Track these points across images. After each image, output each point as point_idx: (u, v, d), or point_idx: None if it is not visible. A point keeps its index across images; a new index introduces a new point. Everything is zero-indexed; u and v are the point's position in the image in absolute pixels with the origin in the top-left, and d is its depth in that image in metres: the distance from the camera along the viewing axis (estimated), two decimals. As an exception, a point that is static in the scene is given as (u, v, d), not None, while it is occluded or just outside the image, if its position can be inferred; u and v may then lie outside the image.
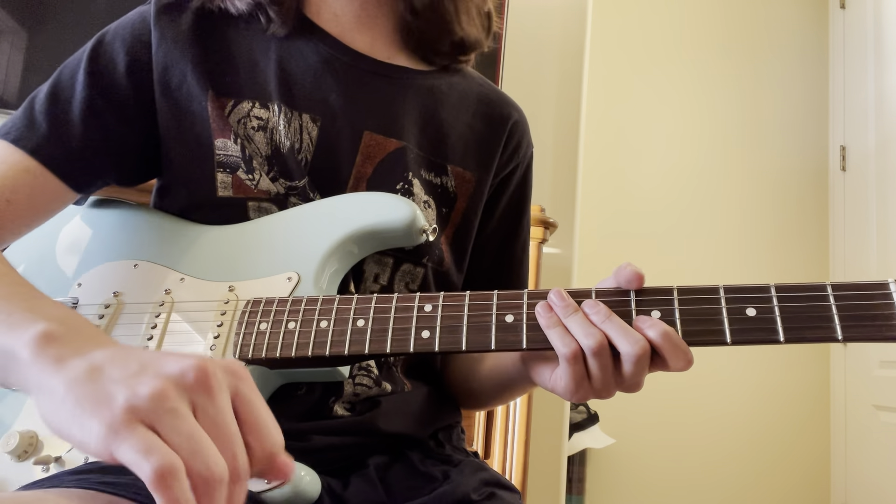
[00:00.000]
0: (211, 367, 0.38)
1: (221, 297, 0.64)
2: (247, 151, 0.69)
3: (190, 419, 0.36)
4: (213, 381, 0.38)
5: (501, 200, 0.83)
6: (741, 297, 0.52)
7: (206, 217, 0.70)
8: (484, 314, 0.56)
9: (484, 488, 0.62)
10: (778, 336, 0.51)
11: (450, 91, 0.80)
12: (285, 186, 0.69)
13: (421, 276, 0.74)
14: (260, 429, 0.39)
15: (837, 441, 2.48)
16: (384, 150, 0.72)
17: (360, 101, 0.73)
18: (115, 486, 0.48)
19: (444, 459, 0.68)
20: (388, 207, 0.66)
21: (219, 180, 0.69)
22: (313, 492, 0.56)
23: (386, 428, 0.67)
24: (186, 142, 0.70)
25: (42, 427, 0.61)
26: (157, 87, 0.70)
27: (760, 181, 2.64)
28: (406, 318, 0.58)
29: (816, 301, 0.51)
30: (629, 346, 0.51)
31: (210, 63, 0.71)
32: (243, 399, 0.39)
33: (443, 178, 0.76)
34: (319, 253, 0.65)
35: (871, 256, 2.37)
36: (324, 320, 0.59)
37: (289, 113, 0.70)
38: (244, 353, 0.60)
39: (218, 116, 0.69)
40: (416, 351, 0.57)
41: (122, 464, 0.34)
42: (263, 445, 0.39)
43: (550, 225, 1.31)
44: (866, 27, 2.51)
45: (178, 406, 0.36)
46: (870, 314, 0.50)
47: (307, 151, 0.70)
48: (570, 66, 1.67)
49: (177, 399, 0.36)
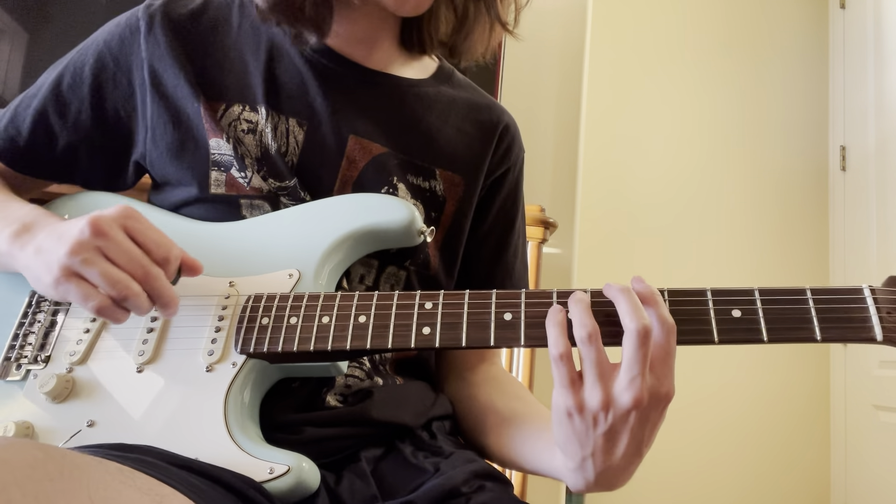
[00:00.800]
0: (98, 218, 0.55)
1: (222, 291, 0.65)
2: (238, 151, 0.70)
3: (100, 261, 0.54)
4: (104, 226, 0.55)
5: (494, 204, 0.83)
6: (727, 300, 0.55)
7: (199, 214, 0.72)
8: (483, 311, 0.58)
9: (474, 480, 0.62)
10: (762, 336, 0.54)
11: (438, 97, 0.81)
12: (275, 186, 0.71)
13: (404, 279, 0.75)
14: (151, 244, 0.57)
15: (837, 441, 2.48)
16: (369, 154, 0.74)
17: (345, 106, 0.74)
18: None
19: (435, 451, 0.69)
20: (387, 208, 0.68)
21: (212, 178, 0.71)
22: (313, 481, 0.57)
23: (379, 417, 0.67)
24: (183, 141, 0.72)
25: (37, 418, 0.62)
26: (151, 90, 0.72)
27: (760, 181, 2.64)
28: (407, 315, 0.59)
29: (797, 304, 0.55)
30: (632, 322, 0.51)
31: (201, 68, 0.73)
32: (133, 229, 0.57)
33: (431, 181, 0.76)
34: (320, 251, 0.66)
35: (871, 256, 2.37)
36: (325, 316, 0.60)
37: (275, 117, 0.72)
38: (246, 347, 0.61)
39: (210, 118, 0.71)
40: (416, 346, 0.58)
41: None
42: (159, 252, 0.57)
43: (550, 225, 1.31)
44: (866, 27, 2.51)
45: (88, 255, 0.54)
46: (846, 317, 0.54)
47: (293, 154, 0.72)
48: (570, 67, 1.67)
49: (86, 250, 0.54)
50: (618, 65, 2.60)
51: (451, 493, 0.59)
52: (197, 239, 0.70)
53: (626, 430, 0.52)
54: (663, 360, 0.52)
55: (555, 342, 0.54)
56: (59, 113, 0.74)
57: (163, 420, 0.60)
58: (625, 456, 0.54)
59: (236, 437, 0.58)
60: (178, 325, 0.65)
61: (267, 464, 0.55)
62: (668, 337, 0.52)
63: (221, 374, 0.61)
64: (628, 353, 0.51)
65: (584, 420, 0.53)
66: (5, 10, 1.28)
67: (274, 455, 0.56)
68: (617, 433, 0.53)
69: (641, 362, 0.51)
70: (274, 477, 0.55)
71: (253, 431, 0.60)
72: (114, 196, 0.77)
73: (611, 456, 0.54)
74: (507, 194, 0.84)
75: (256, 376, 0.62)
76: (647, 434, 0.53)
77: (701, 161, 2.62)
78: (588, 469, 0.55)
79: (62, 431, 0.61)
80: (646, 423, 0.53)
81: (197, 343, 0.63)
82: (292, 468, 0.55)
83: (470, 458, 0.67)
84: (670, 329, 0.52)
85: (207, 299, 0.65)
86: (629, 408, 0.51)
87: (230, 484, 0.51)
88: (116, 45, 0.74)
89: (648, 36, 2.65)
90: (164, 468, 0.47)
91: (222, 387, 0.60)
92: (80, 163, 0.77)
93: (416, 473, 0.64)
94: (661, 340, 0.52)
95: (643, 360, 0.51)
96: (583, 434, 0.54)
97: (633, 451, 0.54)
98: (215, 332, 0.63)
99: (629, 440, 0.53)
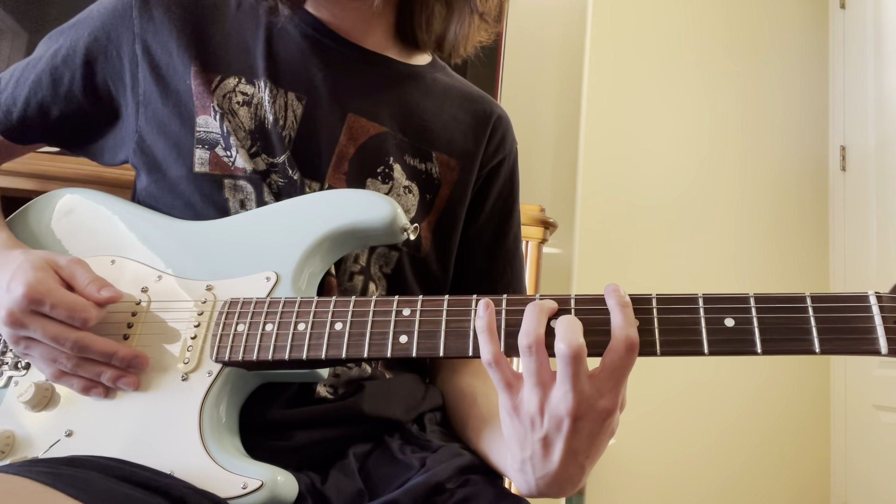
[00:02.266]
0: (30, 288, 0.58)
1: (199, 296, 0.64)
2: (226, 128, 0.70)
3: (36, 333, 0.59)
4: (37, 294, 0.58)
5: (491, 194, 0.84)
6: (720, 308, 0.52)
7: (182, 194, 0.71)
8: (462, 319, 0.56)
9: (459, 476, 0.62)
10: (755, 348, 0.50)
11: (434, 83, 0.82)
12: (266, 162, 0.70)
13: (395, 260, 0.74)
14: (79, 284, 0.62)
15: (837, 441, 2.48)
16: (366, 133, 0.74)
17: (345, 84, 0.75)
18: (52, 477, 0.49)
19: (423, 445, 0.68)
20: (368, 205, 0.65)
21: (196, 157, 0.70)
22: (289, 495, 0.56)
23: (370, 412, 0.67)
24: (171, 116, 0.71)
25: (18, 427, 0.62)
26: (144, 64, 0.72)
27: (760, 181, 2.64)
28: (384, 323, 0.57)
29: (795, 312, 0.50)
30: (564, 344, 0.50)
31: (196, 39, 0.73)
32: (66, 275, 0.62)
33: (427, 164, 0.77)
34: (298, 252, 0.64)
35: (871, 256, 2.37)
36: (301, 323, 0.59)
37: (274, 90, 0.72)
38: (221, 355, 0.60)
39: (201, 93, 0.71)
40: (393, 356, 0.56)
41: None
42: (87, 289, 0.61)
43: (550, 225, 1.31)
44: (866, 27, 2.50)
45: (28, 325, 0.59)
46: (848, 327, 0.49)
47: (291, 128, 0.71)
48: (570, 66, 1.67)
49: (24, 318, 0.59)
50: (618, 64, 2.60)
51: (436, 489, 0.59)
52: (173, 239, 0.69)
53: (559, 439, 0.51)
54: (610, 374, 0.50)
55: (483, 349, 0.53)
56: (53, 85, 0.75)
57: (138, 431, 0.59)
58: (562, 464, 0.52)
59: (210, 450, 0.57)
60: (154, 332, 0.64)
61: (241, 478, 0.54)
62: (624, 354, 0.50)
63: (196, 384, 0.60)
64: (559, 370, 0.50)
65: (522, 422, 0.52)
66: (5, 10, 1.27)
67: (249, 469, 0.55)
68: (552, 440, 0.52)
69: (572, 379, 0.49)
70: (247, 492, 0.54)
71: (230, 442, 0.59)
72: (91, 194, 0.75)
73: (547, 462, 0.53)
74: (504, 183, 0.85)
75: (234, 385, 0.61)
76: (585, 444, 0.52)
77: (701, 160, 2.62)
78: (528, 472, 0.54)
79: (41, 441, 0.61)
80: (581, 434, 0.51)
81: (173, 351, 0.62)
82: (266, 483, 0.54)
83: (457, 452, 0.66)
84: (629, 346, 0.50)
85: (184, 304, 0.64)
86: (561, 417, 0.50)
87: (184, 499, 0.51)
88: (109, 19, 0.74)
89: (649, 35, 2.65)
90: (93, 483, 0.47)
91: (197, 397, 0.59)
92: (71, 133, 0.78)
93: (402, 469, 0.64)
94: (614, 357, 0.50)
95: (574, 377, 0.50)
96: (522, 435, 0.53)
97: (568, 459, 0.52)
98: (191, 339, 0.62)
99: (564, 448, 0.52)
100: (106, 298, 0.61)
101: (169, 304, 0.64)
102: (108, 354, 0.59)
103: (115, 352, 0.60)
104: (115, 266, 0.68)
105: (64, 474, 0.48)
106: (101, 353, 0.59)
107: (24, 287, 0.58)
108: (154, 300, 0.65)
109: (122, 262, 0.68)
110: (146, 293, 0.65)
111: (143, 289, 0.66)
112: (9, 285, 0.60)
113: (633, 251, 2.50)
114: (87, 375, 0.60)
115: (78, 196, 0.75)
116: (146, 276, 0.66)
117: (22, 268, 0.61)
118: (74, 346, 0.59)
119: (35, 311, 0.59)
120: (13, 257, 0.63)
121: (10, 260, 0.63)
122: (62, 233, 0.72)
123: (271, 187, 0.70)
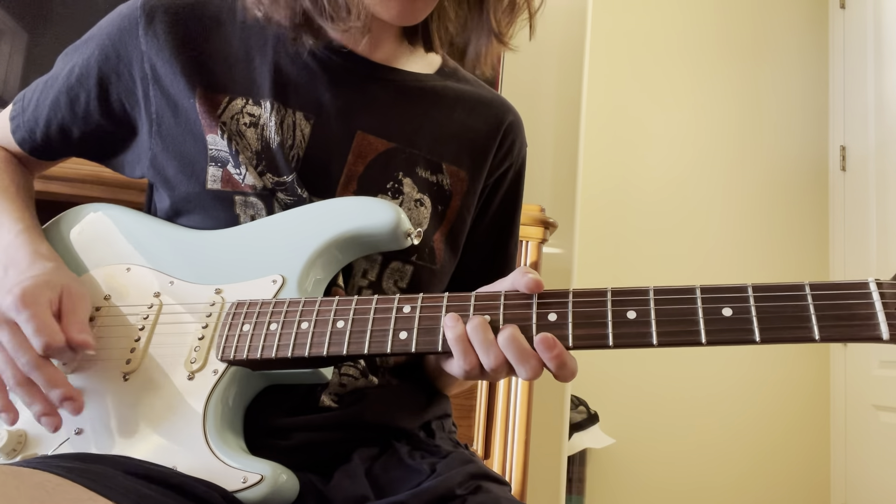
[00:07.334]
0: (21, 296, 0.59)
1: (208, 299, 0.66)
2: (234, 147, 0.70)
3: (4, 336, 0.59)
4: (22, 303, 0.59)
5: (495, 200, 0.84)
6: (717, 297, 0.52)
7: (195, 209, 0.72)
8: (462, 315, 0.57)
9: (470, 482, 0.62)
10: (754, 336, 0.50)
11: (444, 92, 0.81)
12: (273, 182, 0.70)
13: (410, 274, 0.74)
14: (65, 317, 0.61)
15: (837, 441, 2.48)
16: (375, 150, 0.74)
17: (353, 102, 0.74)
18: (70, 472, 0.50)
19: (432, 451, 0.69)
20: (371, 210, 0.66)
21: (209, 174, 0.71)
22: (290, 491, 0.57)
23: (372, 420, 0.67)
24: (183, 134, 0.72)
25: (30, 426, 0.63)
26: (153, 82, 0.72)
27: (760, 181, 2.64)
28: (385, 320, 0.58)
29: (794, 301, 0.50)
30: (526, 373, 0.54)
31: (201, 59, 0.72)
32: (65, 305, 0.62)
33: (438, 175, 0.77)
34: (304, 256, 0.66)
35: (871, 256, 2.37)
36: (305, 321, 0.60)
37: (281, 110, 0.71)
38: (227, 354, 0.61)
39: (206, 113, 0.71)
40: (393, 352, 0.57)
41: None
42: (68, 323, 0.61)
43: (550, 225, 1.31)
44: (866, 27, 2.51)
45: (2, 327, 0.59)
46: (848, 314, 0.49)
47: (299, 148, 0.71)
48: (570, 66, 1.67)
49: (2, 320, 0.59)
50: (618, 64, 2.60)
51: (446, 495, 0.59)
52: (186, 247, 0.71)
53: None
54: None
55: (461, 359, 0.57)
56: (70, 105, 0.75)
57: (145, 428, 0.61)
58: None
59: (213, 445, 0.58)
60: (163, 333, 0.65)
61: (241, 473, 0.56)
62: None
63: (202, 382, 0.61)
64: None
65: None
66: (5, 10, 1.27)
67: (250, 464, 0.56)
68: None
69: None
70: (247, 486, 0.55)
71: (233, 439, 0.60)
72: (111, 208, 0.78)
73: None
74: (508, 188, 0.85)
75: (239, 384, 0.62)
76: None
77: (700, 160, 2.62)
78: None
79: (52, 439, 0.62)
80: None
81: (181, 351, 0.63)
82: (266, 477, 0.55)
83: (467, 459, 0.67)
84: None
85: (194, 307, 0.66)
86: None
87: (196, 494, 0.52)
88: (118, 36, 0.74)
89: (649, 36, 2.65)
90: (109, 478, 0.48)
91: (202, 394, 0.61)
92: (96, 148, 0.79)
93: (412, 474, 0.64)
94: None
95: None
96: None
97: None
98: (198, 339, 0.63)
99: None
100: (77, 340, 0.60)
101: (180, 308, 0.66)
102: (50, 385, 0.59)
103: (58, 387, 0.59)
104: (131, 273, 0.70)
105: (86, 469, 0.49)
106: (46, 381, 0.59)
107: (19, 292, 0.60)
108: (166, 304, 0.67)
109: (137, 270, 0.71)
110: (158, 297, 0.68)
111: (155, 293, 0.68)
112: (12, 288, 0.61)
113: (633, 251, 2.51)
114: (24, 397, 0.59)
115: (100, 211, 0.78)
116: (159, 282, 0.69)
117: (35, 279, 0.62)
118: (28, 364, 0.59)
119: (13, 319, 0.60)
120: (39, 268, 0.65)
121: (36, 270, 0.65)
122: (85, 242, 0.76)
123: (281, 203, 0.70)
